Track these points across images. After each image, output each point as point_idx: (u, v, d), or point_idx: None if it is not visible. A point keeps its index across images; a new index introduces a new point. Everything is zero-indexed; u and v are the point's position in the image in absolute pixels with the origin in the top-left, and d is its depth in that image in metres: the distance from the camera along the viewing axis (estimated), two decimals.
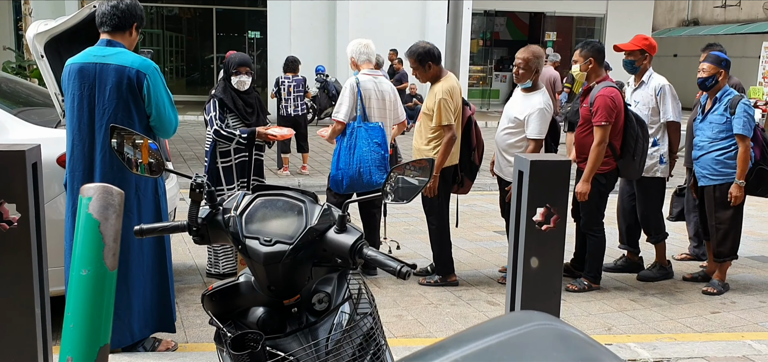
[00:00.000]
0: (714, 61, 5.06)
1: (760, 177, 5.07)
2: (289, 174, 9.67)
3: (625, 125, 4.93)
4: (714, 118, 5.05)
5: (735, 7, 25.95)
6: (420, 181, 2.04)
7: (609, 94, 4.81)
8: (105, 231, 1.75)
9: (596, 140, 4.82)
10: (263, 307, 1.82)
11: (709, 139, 5.08)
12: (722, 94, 5.05)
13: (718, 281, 5.27)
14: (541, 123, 4.83)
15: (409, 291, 5.04)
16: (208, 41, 21.63)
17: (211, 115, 4.87)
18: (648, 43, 5.26)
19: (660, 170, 5.28)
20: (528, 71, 4.92)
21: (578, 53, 5.11)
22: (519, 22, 25.10)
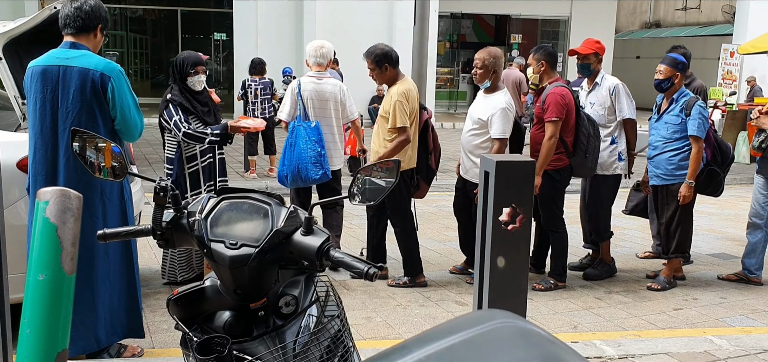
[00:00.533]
0: (671, 63, 5.16)
1: (710, 177, 5.22)
2: (256, 177, 9.61)
3: (577, 123, 5.13)
4: (669, 118, 5.15)
5: (695, 10, 26.52)
6: (387, 182, 2.04)
7: (559, 93, 5.04)
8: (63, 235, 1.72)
9: (547, 135, 5.01)
10: (229, 311, 1.81)
11: (663, 139, 5.18)
12: (679, 96, 5.15)
13: (665, 278, 5.39)
14: (504, 122, 4.91)
15: (377, 292, 5.04)
16: (173, 43, 21.37)
17: (175, 119, 4.69)
18: (599, 45, 5.42)
19: (619, 167, 5.39)
20: (486, 72, 5.03)
21: (532, 57, 5.37)
22: (485, 25, 25.30)
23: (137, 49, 22.56)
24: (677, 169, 5.14)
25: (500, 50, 5.19)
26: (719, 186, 5.35)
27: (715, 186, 5.32)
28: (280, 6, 16.32)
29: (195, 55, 4.91)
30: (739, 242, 6.48)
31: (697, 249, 6.61)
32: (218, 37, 21.11)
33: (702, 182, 5.20)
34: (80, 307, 3.51)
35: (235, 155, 11.35)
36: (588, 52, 5.34)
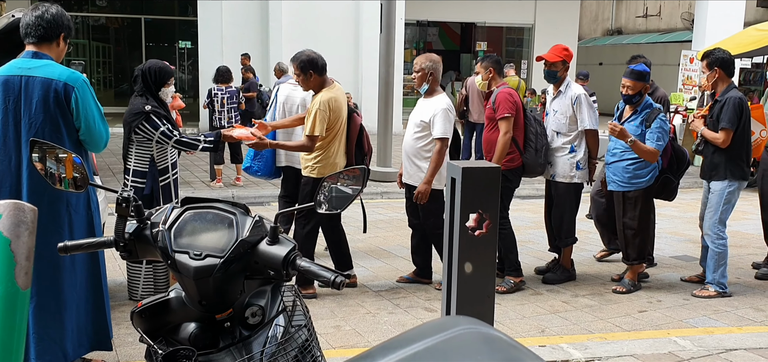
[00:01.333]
0: (638, 77, 5.22)
1: (664, 184, 5.35)
2: (223, 186, 9.51)
3: (525, 123, 5.33)
4: (630, 127, 5.22)
5: (655, 17, 27.06)
6: (353, 189, 2.04)
7: (507, 91, 5.29)
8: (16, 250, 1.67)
9: (502, 131, 5.19)
10: (195, 322, 1.79)
11: (622, 147, 5.25)
12: (642, 107, 5.22)
13: (629, 281, 5.46)
14: (445, 122, 5.00)
15: (346, 301, 5.03)
16: (136, 51, 21.09)
17: (162, 129, 4.54)
18: (567, 53, 5.50)
19: (577, 176, 5.45)
20: (423, 76, 5.13)
21: (480, 65, 5.62)
22: (451, 32, 25.50)
23: (100, 58, 22.22)
24: (633, 177, 5.23)
25: (438, 56, 5.32)
26: (673, 192, 5.47)
27: (669, 191, 5.45)
28: (246, 14, 16.23)
29: (167, 67, 4.88)
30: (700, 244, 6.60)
31: (661, 252, 6.73)
32: (183, 44, 20.90)
33: (657, 188, 5.32)
34: (47, 321, 3.45)
35: (200, 164, 11.24)
36: (555, 60, 5.41)
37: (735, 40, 12.91)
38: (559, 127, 5.41)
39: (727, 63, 5.30)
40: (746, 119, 5.23)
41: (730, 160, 5.21)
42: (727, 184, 5.23)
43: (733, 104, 5.14)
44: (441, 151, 5.00)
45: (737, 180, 5.24)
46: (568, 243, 5.64)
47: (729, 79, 5.32)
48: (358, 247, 6.57)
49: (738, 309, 5.09)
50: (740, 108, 5.15)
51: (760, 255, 6.41)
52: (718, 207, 5.27)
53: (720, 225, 5.29)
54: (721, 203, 5.25)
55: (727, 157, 5.22)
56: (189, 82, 20.70)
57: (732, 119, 5.13)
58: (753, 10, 21.61)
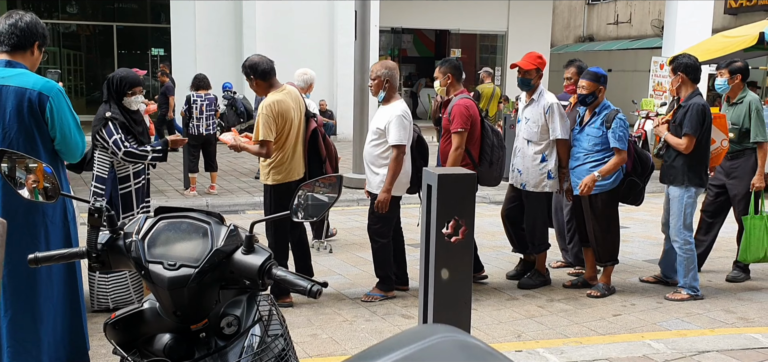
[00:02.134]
0: (592, 78, 5.27)
1: (630, 187, 5.40)
2: (197, 194, 9.42)
3: (482, 135, 5.29)
4: (591, 130, 5.27)
5: (626, 24, 27.46)
6: (329, 197, 2.04)
7: (464, 104, 5.21)
8: None
9: (454, 145, 5.17)
10: (170, 334, 1.77)
11: (585, 150, 5.30)
12: (601, 109, 5.27)
13: (603, 285, 5.51)
14: (400, 129, 4.91)
15: (322, 309, 5.00)
16: (108, 59, 20.84)
17: (115, 138, 4.54)
18: (541, 61, 5.50)
19: (548, 185, 5.46)
20: (379, 83, 5.06)
21: (438, 71, 5.50)
22: (425, 39, 25.61)
23: (71, 66, 21.91)
24: None
25: (394, 63, 5.27)
26: (639, 196, 5.52)
27: (635, 195, 5.50)
28: (219, 21, 16.14)
29: (133, 75, 4.81)
30: None
31: (634, 256, 6.82)
32: (155, 52, 20.70)
33: (622, 192, 5.39)
34: (23, 333, 3.39)
35: (174, 172, 11.13)
36: (529, 67, 5.42)
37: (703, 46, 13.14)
38: (530, 136, 5.41)
39: (691, 69, 5.33)
40: (708, 126, 5.31)
41: (689, 167, 5.27)
42: (685, 190, 5.31)
43: (697, 111, 5.19)
44: (397, 158, 4.91)
45: (695, 186, 5.30)
46: (540, 250, 5.65)
47: (693, 84, 5.36)
48: (335, 255, 6.56)
49: (710, 311, 5.16)
50: (703, 115, 5.20)
51: (730, 259, 6.52)
52: (680, 214, 5.33)
53: (685, 230, 5.36)
54: (682, 209, 5.33)
55: (686, 163, 5.27)
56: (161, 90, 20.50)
57: (695, 126, 5.18)
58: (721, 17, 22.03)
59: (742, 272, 5.99)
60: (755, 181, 5.68)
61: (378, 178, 5.05)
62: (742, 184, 5.77)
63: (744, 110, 5.69)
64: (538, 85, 5.48)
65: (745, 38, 11.23)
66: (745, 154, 5.74)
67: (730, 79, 5.78)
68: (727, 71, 5.81)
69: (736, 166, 5.81)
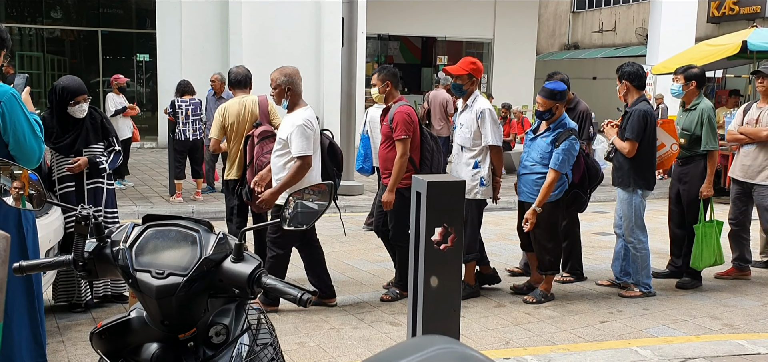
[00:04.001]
0: (548, 95, 5.25)
1: (574, 199, 5.42)
2: (182, 201, 9.36)
3: (421, 141, 5.26)
4: (542, 143, 5.27)
5: (610, 32, 27.68)
6: (319, 205, 2.02)
7: (405, 111, 5.15)
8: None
9: (399, 153, 5.09)
10: (157, 343, 1.75)
11: (533, 160, 5.30)
12: (556, 125, 5.25)
13: (541, 291, 5.48)
14: (302, 139, 4.70)
15: (310, 317, 4.98)
16: (93, 65, 20.66)
17: None
18: (475, 66, 5.37)
19: (480, 192, 5.34)
20: (280, 91, 4.85)
21: (376, 78, 5.34)
22: (411, 46, 25.65)
23: (55, 71, 21.68)
24: None
25: (293, 68, 4.96)
26: (583, 205, 5.56)
27: (579, 205, 5.53)
28: (205, 27, 16.07)
29: (77, 83, 4.81)
30: (660, 254, 6.73)
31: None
32: (141, 57, 20.55)
33: (566, 201, 5.38)
34: None
35: (160, 178, 11.06)
36: (461, 73, 5.30)
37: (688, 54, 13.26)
38: (463, 141, 5.32)
39: (635, 76, 5.49)
40: (651, 131, 5.44)
41: (635, 170, 5.45)
42: (633, 193, 5.50)
43: (638, 116, 5.37)
44: (299, 170, 4.72)
45: (642, 188, 5.49)
46: (470, 260, 5.45)
47: (638, 91, 5.52)
48: None
49: (696, 318, 5.19)
50: (644, 120, 5.36)
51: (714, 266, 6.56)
52: (630, 215, 5.53)
53: (638, 230, 5.54)
54: (632, 210, 5.52)
55: (632, 166, 5.45)
56: (147, 95, 20.37)
57: (635, 130, 5.36)
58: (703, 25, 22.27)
59: (693, 279, 5.97)
60: (703, 189, 5.73)
61: None
62: (692, 190, 5.82)
63: (696, 117, 5.76)
64: (472, 90, 5.34)
65: (729, 47, 11.35)
66: (694, 160, 5.80)
67: (685, 85, 5.86)
68: (682, 77, 5.90)
69: (686, 172, 5.88)
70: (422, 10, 21.20)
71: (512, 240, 7.89)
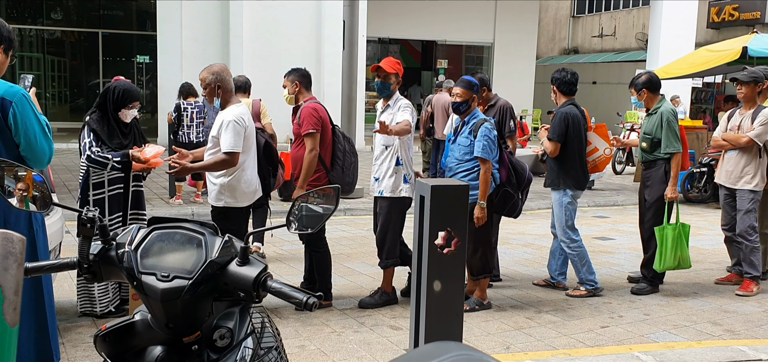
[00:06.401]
0: (466, 85, 5.22)
1: (504, 198, 5.31)
2: (182, 202, 9.35)
3: (333, 140, 5.22)
4: (461, 140, 5.21)
5: (610, 37, 27.71)
6: (325, 208, 2.01)
7: (312, 107, 5.14)
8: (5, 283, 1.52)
9: (308, 148, 5.05)
10: (161, 346, 1.74)
11: (456, 160, 5.23)
12: (470, 118, 5.21)
13: (475, 299, 5.39)
14: (231, 135, 4.58)
15: (310, 320, 4.97)
16: (93, 66, 20.69)
17: (86, 141, 4.64)
18: (400, 66, 5.33)
19: (405, 190, 5.24)
20: (211, 91, 4.73)
21: (286, 80, 5.36)
22: (412, 50, 25.69)
23: (55, 72, 21.72)
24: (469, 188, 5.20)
25: (222, 66, 4.83)
26: (516, 208, 5.42)
27: (512, 207, 5.40)
28: (206, 30, 16.08)
29: (134, 89, 4.88)
30: None
31: (620, 268, 6.84)
32: (141, 59, 20.57)
33: (497, 203, 5.29)
34: None
35: (159, 180, 11.04)
36: (390, 71, 5.22)
37: (688, 60, 13.29)
38: (387, 140, 5.21)
39: (562, 82, 5.70)
40: (574, 133, 5.58)
41: (563, 170, 5.63)
42: (562, 193, 5.66)
43: (560, 118, 5.62)
44: (223, 163, 4.59)
45: (571, 188, 5.64)
46: (389, 265, 5.32)
47: (565, 96, 5.71)
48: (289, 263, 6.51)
49: (697, 323, 5.19)
50: (566, 122, 5.58)
51: (716, 270, 6.57)
52: (561, 215, 5.68)
53: (569, 230, 5.67)
54: (563, 210, 5.66)
55: (559, 167, 5.64)
56: (147, 97, 20.38)
57: (557, 132, 5.59)
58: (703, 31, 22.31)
59: (649, 285, 5.93)
60: (668, 192, 5.72)
61: (216, 189, 4.80)
62: (654, 193, 5.82)
63: (657, 120, 5.78)
64: (396, 90, 5.29)
65: (729, 52, 11.36)
66: (656, 164, 5.82)
67: (638, 95, 5.97)
68: (633, 89, 6.02)
69: (648, 176, 5.90)
70: (422, 13, 21.24)
71: (513, 244, 7.90)
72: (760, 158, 5.87)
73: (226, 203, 4.77)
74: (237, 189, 4.76)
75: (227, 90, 4.75)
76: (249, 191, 4.84)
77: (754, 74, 5.99)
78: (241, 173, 4.74)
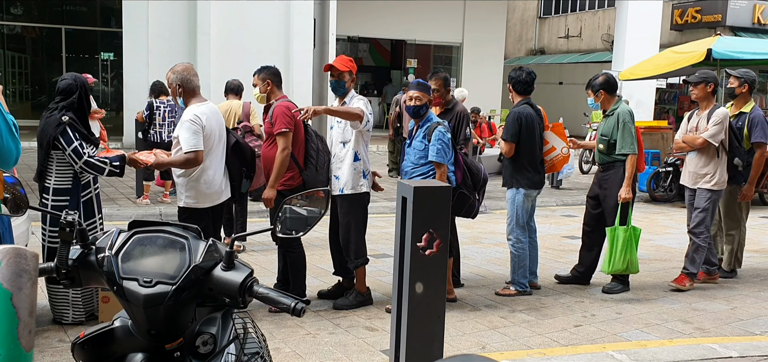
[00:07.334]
0: (423, 89, 5.20)
1: (461, 200, 5.32)
2: (149, 202, 9.19)
3: (306, 139, 5.15)
4: (416, 143, 5.19)
5: (576, 38, 28.04)
6: (310, 212, 1.98)
7: (284, 105, 5.04)
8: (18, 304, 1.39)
9: (280, 147, 4.95)
10: (142, 353, 1.70)
11: (412, 164, 5.21)
12: (424, 122, 5.19)
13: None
14: (189, 134, 4.55)
15: (284, 322, 4.90)
16: (56, 62, 20.23)
17: (75, 145, 4.32)
18: (353, 64, 5.32)
19: (365, 185, 5.22)
20: (173, 91, 4.74)
21: (257, 78, 5.28)
22: (381, 49, 25.68)
23: (16, 69, 21.18)
24: None
25: (184, 64, 4.84)
26: (472, 209, 5.44)
27: (468, 209, 5.43)
28: (173, 26, 15.82)
29: None
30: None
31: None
32: (105, 56, 20.19)
33: (453, 205, 5.21)
34: None
35: (125, 180, 10.84)
36: (343, 70, 5.19)
37: (654, 61, 13.51)
38: (344, 137, 5.19)
39: (517, 82, 5.78)
40: (527, 133, 5.65)
41: (516, 170, 5.72)
42: (516, 191, 5.73)
43: (512, 118, 5.70)
44: (186, 161, 4.56)
45: (524, 188, 5.71)
46: (359, 265, 5.27)
47: (520, 95, 5.80)
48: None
49: (668, 322, 5.25)
50: (518, 122, 5.65)
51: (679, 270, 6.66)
52: (513, 214, 5.76)
53: (517, 229, 5.75)
54: (514, 209, 5.74)
55: (513, 166, 5.74)
56: (111, 95, 20.02)
57: (510, 132, 5.67)
58: (667, 33, 22.70)
59: (620, 284, 5.95)
60: (622, 193, 5.75)
61: (181, 190, 4.79)
62: (612, 195, 5.87)
63: (613, 122, 5.86)
64: (351, 88, 5.27)
65: (694, 54, 11.57)
66: (614, 166, 5.87)
67: (595, 96, 6.03)
68: (590, 90, 6.09)
69: (606, 178, 5.95)
70: (392, 12, 21.23)
71: (484, 243, 7.92)
72: (719, 158, 5.93)
73: (186, 203, 4.76)
74: (196, 190, 4.72)
75: (188, 90, 4.71)
76: (210, 192, 4.77)
77: (703, 75, 6.09)
78: (200, 173, 4.69)
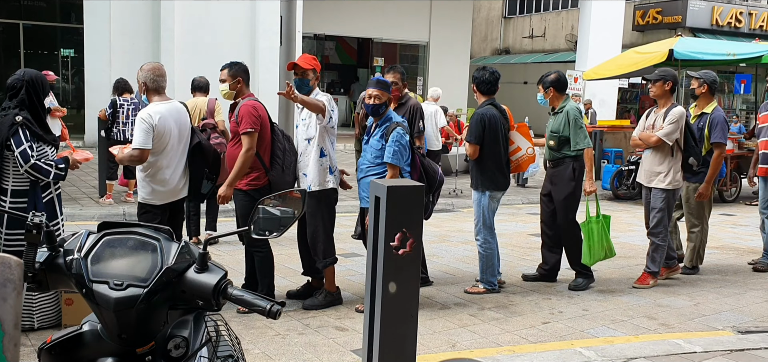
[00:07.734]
0: (382, 86, 5.13)
1: None
2: (113, 202, 9.02)
3: (272, 138, 5.09)
4: (373, 142, 5.13)
5: (541, 38, 28.37)
6: (283, 212, 1.95)
7: (251, 105, 4.96)
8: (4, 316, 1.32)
9: (244, 147, 4.86)
10: (112, 357, 1.65)
11: (368, 163, 5.17)
12: (383, 121, 5.15)
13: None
14: (138, 132, 4.50)
15: (253, 323, 4.85)
16: (14, 59, 19.69)
17: (24, 147, 4.15)
18: (316, 62, 5.29)
19: (331, 181, 5.19)
20: (141, 89, 4.74)
21: (226, 73, 5.11)
22: (347, 47, 25.64)
23: None
24: None
25: (151, 63, 4.83)
26: (426, 209, 5.38)
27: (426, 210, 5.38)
28: (136, 23, 15.55)
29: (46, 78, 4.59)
30: None
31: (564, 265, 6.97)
32: (65, 53, 19.75)
33: None
34: None
35: (88, 179, 10.63)
36: (307, 67, 5.15)
37: (617, 62, 13.72)
38: (309, 134, 5.13)
39: (481, 82, 5.78)
40: (491, 134, 5.67)
41: (480, 171, 5.73)
42: (481, 194, 5.76)
43: (476, 120, 5.71)
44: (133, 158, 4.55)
45: (489, 190, 5.73)
46: (328, 264, 5.23)
47: (484, 96, 5.80)
48: None
49: (633, 318, 5.33)
50: (482, 124, 5.66)
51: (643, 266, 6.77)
52: (479, 215, 5.79)
53: (485, 229, 5.77)
54: (481, 211, 5.77)
55: (477, 168, 5.75)
56: (72, 92, 19.60)
57: (474, 134, 5.68)
58: (629, 33, 23.10)
59: (585, 278, 6.08)
60: (586, 186, 5.90)
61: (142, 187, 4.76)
62: (562, 191, 5.96)
63: (563, 119, 5.96)
64: (315, 86, 5.22)
65: (656, 55, 11.78)
66: (564, 162, 5.97)
67: (545, 93, 6.12)
68: (541, 87, 6.17)
69: (556, 174, 6.04)
70: (358, 11, 21.19)
71: (453, 242, 7.95)
72: (673, 157, 6.01)
73: (143, 198, 4.76)
74: (152, 187, 4.71)
75: (152, 88, 4.71)
76: (164, 190, 4.72)
77: (662, 73, 6.21)
78: (154, 171, 4.66)
